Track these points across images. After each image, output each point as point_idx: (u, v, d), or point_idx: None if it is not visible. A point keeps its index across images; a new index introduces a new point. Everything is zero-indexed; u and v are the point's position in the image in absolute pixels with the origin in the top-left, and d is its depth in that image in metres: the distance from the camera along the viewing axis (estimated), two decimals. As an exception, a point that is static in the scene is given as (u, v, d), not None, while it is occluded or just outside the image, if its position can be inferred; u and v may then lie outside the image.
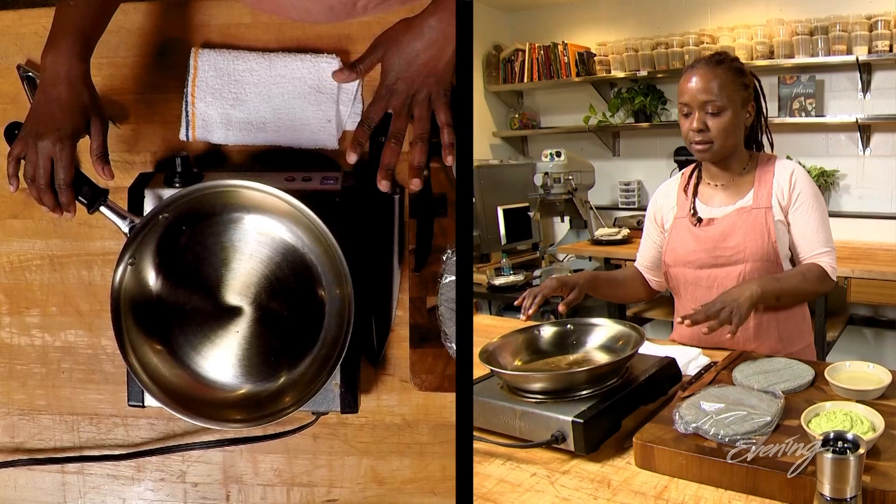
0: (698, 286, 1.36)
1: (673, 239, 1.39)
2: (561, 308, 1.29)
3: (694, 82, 1.29)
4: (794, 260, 1.36)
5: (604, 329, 1.14)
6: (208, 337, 1.18)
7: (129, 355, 1.12)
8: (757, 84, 1.35)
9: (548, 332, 1.16)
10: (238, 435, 1.23)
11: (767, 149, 1.42)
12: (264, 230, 1.18)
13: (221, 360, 1.18)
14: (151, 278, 1.17)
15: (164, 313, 1.17)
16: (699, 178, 1.40)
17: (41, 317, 1.32)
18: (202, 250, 1.18)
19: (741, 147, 1.35)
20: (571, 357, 1.13)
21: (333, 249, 1.12)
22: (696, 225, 1.35)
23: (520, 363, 1.12)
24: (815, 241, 1.32)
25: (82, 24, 1.13)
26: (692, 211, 1.37)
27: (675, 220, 1.40)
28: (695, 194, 1.38)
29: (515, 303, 1.31)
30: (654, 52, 3.11)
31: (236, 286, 1.19)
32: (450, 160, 1.18)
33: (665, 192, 1.45)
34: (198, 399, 1.16)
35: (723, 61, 1.30)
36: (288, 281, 1.18)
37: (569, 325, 1.16)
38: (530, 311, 1.27)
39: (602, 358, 1.10)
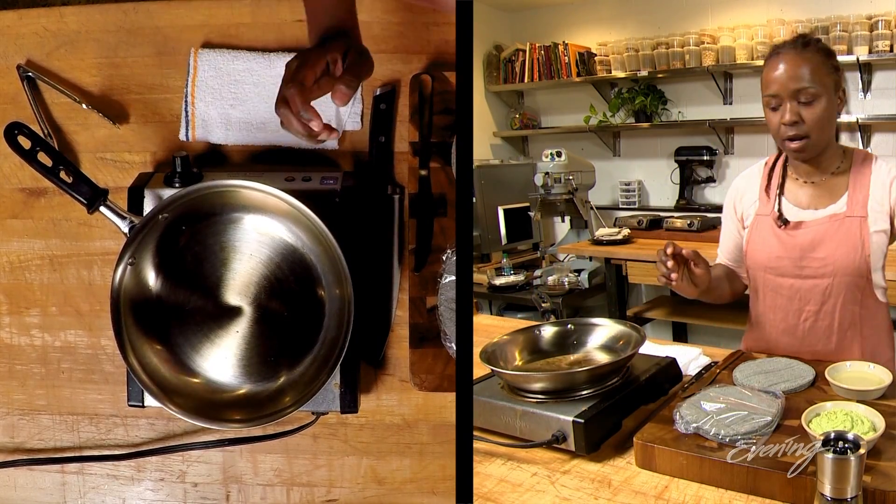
0: (779, 294, 1.24)
1: (755, 239, 1.25)
2: (697, 271, 1.14)
3: (781, 70, 1.14)
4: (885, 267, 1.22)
5: (604, 329, 1.14)
6: (208, 337, 1.18)
7: (129, 355, 1.12)
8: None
9: (548, 332, 1.15)
10: (238, 435, 1.23)
11: (858, 143, 1.30)
12: (264, 230, 1.18)
13: (221, 360, 1.18)
14: (151, 278, 1.17)
15: (164, 313, 1.17)
16: (785, 171, 1.24)
17: (41, 317, 1.32)
18: (202, 250, 1.18)
19: (834, 141, 1.21)
20: (572, 357, 1.13)
21: (333, 249, 1.12)
22: (781, 227, 1.21)
23: (520, 363, 1.11)
24: None
25: None
26: (777, 210, 1.22)
27: (756, 216, 1.25)
28: (780, 191, 1.23)
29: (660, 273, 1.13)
30: (654, 52, 3.11)
31: (236, 286, 1.19)
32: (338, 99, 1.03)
33: (746, 182, 1.29)
34: (197, 399, 1.16)
35: (809, 43, 1.15)
36: (288, 281, 1.18)
37: (569, 325, 1.16)
38: (673, 277, 1.13)
39: (603, 358, 1.10)
